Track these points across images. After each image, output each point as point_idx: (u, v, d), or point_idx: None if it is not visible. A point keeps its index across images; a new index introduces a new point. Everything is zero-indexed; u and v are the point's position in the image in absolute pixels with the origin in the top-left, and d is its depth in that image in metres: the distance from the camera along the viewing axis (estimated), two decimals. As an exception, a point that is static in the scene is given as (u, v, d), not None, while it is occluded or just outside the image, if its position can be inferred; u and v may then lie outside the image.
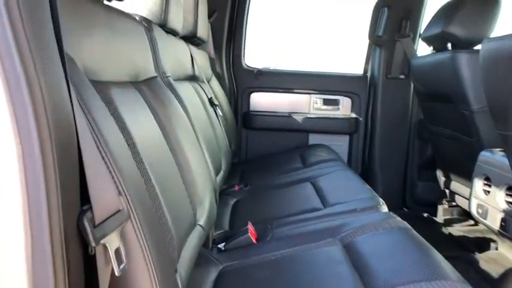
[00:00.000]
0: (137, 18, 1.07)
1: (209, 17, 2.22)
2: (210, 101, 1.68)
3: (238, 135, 2.41)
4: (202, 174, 1.09)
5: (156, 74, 1.06)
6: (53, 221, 0.41)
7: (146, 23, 1.10)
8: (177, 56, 1.42)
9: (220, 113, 1.73)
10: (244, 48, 2.46)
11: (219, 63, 2.37)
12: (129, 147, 0.69)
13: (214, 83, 2.17)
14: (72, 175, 0.47)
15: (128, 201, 0.56)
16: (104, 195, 0.52)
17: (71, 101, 0.48)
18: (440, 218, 2.21)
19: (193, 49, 1.78)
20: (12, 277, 0.40)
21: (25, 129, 0.39)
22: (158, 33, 1.17)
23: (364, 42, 2.41)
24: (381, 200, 1.27)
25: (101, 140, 0.55)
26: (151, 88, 0.99)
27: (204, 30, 1.87)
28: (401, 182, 2.42)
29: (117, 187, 0.56)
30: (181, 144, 1.01)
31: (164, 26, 1.28)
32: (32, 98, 0.39)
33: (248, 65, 2.51)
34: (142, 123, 0.85)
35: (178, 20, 1.39)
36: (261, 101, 2.48)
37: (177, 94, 1.14)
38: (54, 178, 0.41)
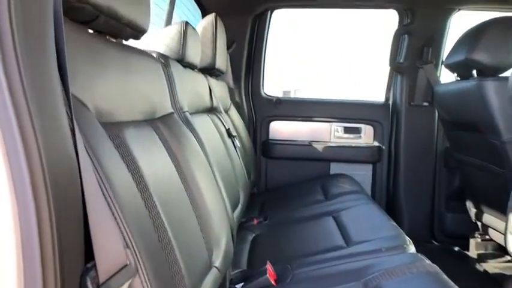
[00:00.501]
0: (154, 55, 1.07)
1: (228, 47, 2.25)
2: (228, 132, 1.66)
3: (257, 165, 2.38)
4: (219, 212, 1.05)
5: (172, 110, 1.05)
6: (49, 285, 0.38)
7: (163, 59, 1.10)
8: (195, 89, 1.42)
9: (238, 144, 1.70)
10: (263, 78, 2.47)
11: (238, 93, 2.37)
12: (140, 192, 0.66)
13: (233, 112, 2.17)
14: (75, 229, 0.44)
15: (136, 255, 0.53)
16: (110, 249, 0.49)
17: (76, 146, 0.46)
18: (473, 252, 2.07)
19: (212, 80, 1.79)
20: None
21: (18, 175, 0.36)
22: (176, 68, 1.17)
23: (385, 68, 2.37)
24: (407, 238, 1.19)
25: (107, 187, 0.53)
26: (168, 125, 0.98)
27: (222, 62, 1.88)
28: (428, 213, 2.30)
29: (124, 239, 0.53)
30: (197, 181, 0.99)
31: (182, 61, 1.29)
32: (24, 141, 0.36)
33: (267, 93, 2.50)
34: (156, 163, 0.83)
35: (196, 54, 1.40)
36: (281, 129, 2.45)
37: (194, 129, 1.13)
38: (50, 233, 0.37)
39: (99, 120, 0.65)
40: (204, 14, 2.18)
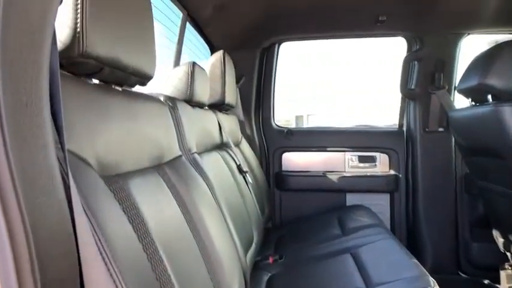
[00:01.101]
0: (161, 99, 1.07)
1: (237, 81, 2.26)
2: (239, 168, 1.64)
3: (271, 198, 2.33)
4: (230, 257, 1.01)
5: (180, 153, 1.04)
6: None
7: (171, 102, 1.10)
8: (204, 127, 1.41)
9: (250, 180, 1.67)
10: (273, 109, 2.46)
11: (249, 126, 2.36)
12: (144, 248, 0.63)
13: (245, 145, 2.15)
14: None
15: None
16: None
17: (72, 210, 0.43)
18: (504, 286, 1.94)
19: (221, 115, 1.79)
20: None
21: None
22: (183, 109, 1.17)
23: (397, 95, 2.34)
24: (431, 279, 1.11)
25: (108, 252, 0.50)
26: (175, 168, 0.96)
27: (232, 96, 1.89)
28: (453, 243, 2.19)
29: None
30: (206, 226, 0.95)
31: (190, 101, 1.29)
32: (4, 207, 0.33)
33: (278, 124, 2.49)
34: (162, 213, 0.80)
35: (204, 93, 1.40)
36: (293, 160, 2.42)
37: (202, 170, 1.11)
38: None
39: (102, 174, 0.64)
40: (212, 51, 2.22)
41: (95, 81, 0.78)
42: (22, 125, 0.36)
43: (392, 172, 2.31)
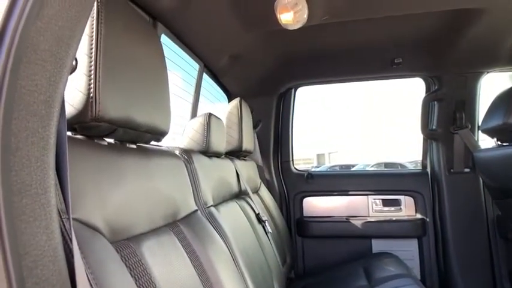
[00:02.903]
0: (177, 152, 1.07)
1: (255, 127, 2.27)
2: (258, 217, 1.60)
3: (293, 245, 2.25)
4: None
5: (196, 207, 1.02)
6: None
7: (186, 155, 1.10)
8: (221, 177, 1.40)
9: (270, 229, 1.62)
10: (292, 153, 2.44)
11: (268, 170, 2.34)
12: None
13: (264, 191, 2.12)
14: None
15: None
16: None
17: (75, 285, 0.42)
18: None
19: (239, 163, 1.78)
20: None
21: None
22: (199, 162, 1.16)
23: (419, 135, 2.29)
24: None
25: None
26: (190, 225, 0.94)
27: (249, 142, 1.89)
28: None
29: None
30: (223, 285, 0.91)
31: (207, 152, 1.29)
32: None
33: (298, 168, 2.45)
34: (177, 273, 0.77)
35: (221, 142, 1.40)
36: (315, 205, 2.35)
37: (219, 224, 1.08)
38: None
39: (114, 239, 0.62)
40: (229, 98, 2.26)
41: (110, 140, 0.79)
42: (24, 206, 0.36)
43: (419, 216, 2.21)
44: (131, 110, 0.72)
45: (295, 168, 2.44)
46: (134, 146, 0.84)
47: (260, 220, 1.60)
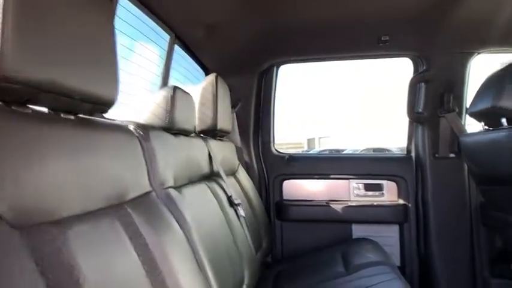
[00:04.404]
0: (131, 127, 0.96)
1: (233, 106, 2.16)
2: (230, 200, 1.51)
3: (271, 229, 2.18)
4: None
5: (150, 189, 0.92)
6: None
7: (142, 131, 0.99)
8: (189, 156, 1.29)
9: (242, 213, 1.53)
10: (273, 134, 2.34)
11: (247, 152, 2.24)
12: None
13: (242, 173, 2.03)
14: None
15: None
16: None
17: None
18: None
19: (214, 143, 1.67)
20: None
21: None
22: (159, 139, 1.05)
23: (404, 118, 2.20)
24: None
25: None
26: (140, 207, 0.83)
27: (226, 122, 1.78)
28: (469, 279, 1.99)
29: None
30: (176, 274, 0.82)
31: (171, 129, 1.18)
32: None
33: (279, 150, 2.36)
34: (113, 265, 0.67)
35: (188, 119, 1.29)
36: (295, 189, 2.27)
37: (176, 207, 0.98)
38: None
39: (21, 224, 0.52)
40: (207, 75, 2.13)
41: (42, 109, 0.67)
42: None
43: (401, 201, 2.14)
44: (58, 72, 0.61)
45: (276, 150, 2.35)
46: (71, 117, 0.72)
47: (232, 203, 1.50)
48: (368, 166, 2.22)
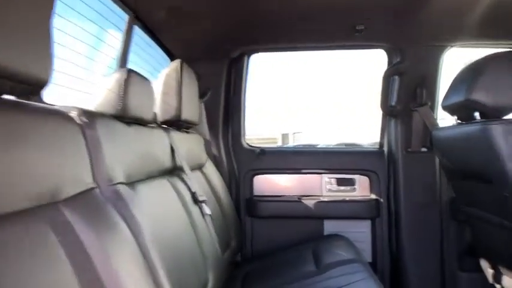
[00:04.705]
0: (72, 114, 0.83)
1: (202, 96, 2.04)
2: (194, 197, 1.39)
3: (241, 226, 2.08)
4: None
5: (93, 185, 0.80)
6: None
7: (87, 118, 0.86)
8: (146, 149, 1.17)
9: (208, 211, 1.43)
10: (243, 127, 2.24)
11: (216, 145, 2.13)
12: None
13: (210, 168, 1.92)
14: None
15: None
16: None
17: None
18: None
19: (178, 135, 1.55)
20: None
21: None
22: (108, 128, 0.93)
23: (378, 112, 2.16)
24: None
25: None
26: (79, 207, 0.71)
27: (192, 112, 1.67)
28: (439, 273, 1.98)
29: None
30: (121, 284, 0.70)
31: (124, 117, 1.05)
32: None
33: (250, 144, 2.26)
34: (39, 274, 0.55)
35: (145, 106, 1.17)
36: (266, 184, 2.19)
37: (126, 205, 0.86)
38: None
39: None
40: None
41: None
42: None
43: (373, 196, 2.10)
44: None
45: (246, 143, 2.25)
46: None
47: (196, 201, 1.39)
48: (340, 160, 2.16)
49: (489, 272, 1.73)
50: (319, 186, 2.14)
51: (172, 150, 1.41)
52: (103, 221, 0.75)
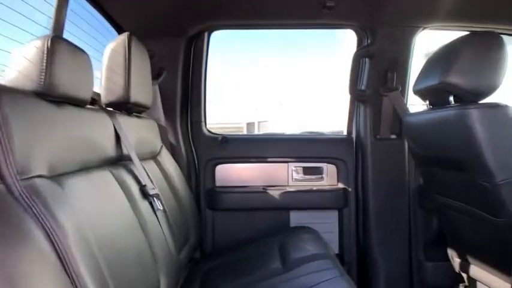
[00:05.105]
0: None
1: (156, 77, 1.84)
2: (143, 190, 1.21)
3: (201, 221, 1.92)
4: None
5: None
6: None
7: None
8: (82, 135, 0.97)
9: (160, 206, 1.25)
10: (204, 112, 2.06)
11: (173, 132, 1.93)
12: None
13: (165, 157, 1.73)
14: None
15: None
16: None
17: None
18: None
19: (126, 119, 1.36)
20: None
21: None
22: (22, 107, 0.73)
23: (346, 97, 2.05)
24: None
25: None
26: None
27: (143, 94, 1.47)
28: (406, 263, 1.94)
29: None
30: None
31: (47, 94, 0.85)
32: None
33: (211, 131, 2.09)
34: None
35: (80, 82, 0.97)
36: (229, 174, 2.03)
37: (47, 204, 0.67)
38: None
39: None
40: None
41: None
42: None
43: (340, 185, 2.01)
44: None
45: (208, 130, 2.07)
46: None
47: (146, 194, 1.21)
48: (308, 148, 2.05)
49: (456, 261, 1.69)
50: (285, 175, 2.02)
51: (118, 137, 1.22)
52: (7, 229, 0.56)
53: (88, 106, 1.14)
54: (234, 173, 2.03)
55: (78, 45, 0.99)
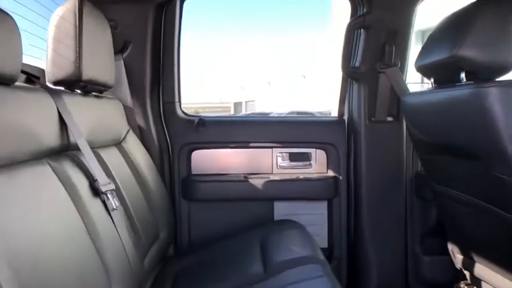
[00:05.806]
0: None
1: (120, 50, 1.60)
2: (93, 186, 1.00)
3: (174, 213, 1.72)
4: None
5: None
6: None
7: None
8: (8, 121, 0.75)
9: (114, 205, 1.03)
10: (179, 92, 1.82)
11: (142, 114, 1.70)
12: None
13: (133, 142, 1.51)
14: None
15: None
16: None
17: None
18: None
19: (78, 100, 1.14)
20: None
21: None
22: None
23: (338, 76, 1.84)
24: None
25: None
26: None
27: (102, 70, 1.24)
28: (401, 258, 1.79)
29: None
30: None
31: None
32: None
33: (186, 112, 1.86)
34: None
35: (5, 56, 0.75)
36: (207, 160, 1.82)
37: None
38: None
39: None
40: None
41: None
42: None
43: (330, 173, 1.83)
44: None
45: (183, 112, 1.84)
46: None
47: (98, 192, 1.00)
48: (295, 132, 1.85)
49: (458, 257, 1.55)
50: (270, 162, 1.83)
51: (64, 122, 0.99)
52: None
53: (21, 84, 0.92)
54: (212, 160, 1.82)
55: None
